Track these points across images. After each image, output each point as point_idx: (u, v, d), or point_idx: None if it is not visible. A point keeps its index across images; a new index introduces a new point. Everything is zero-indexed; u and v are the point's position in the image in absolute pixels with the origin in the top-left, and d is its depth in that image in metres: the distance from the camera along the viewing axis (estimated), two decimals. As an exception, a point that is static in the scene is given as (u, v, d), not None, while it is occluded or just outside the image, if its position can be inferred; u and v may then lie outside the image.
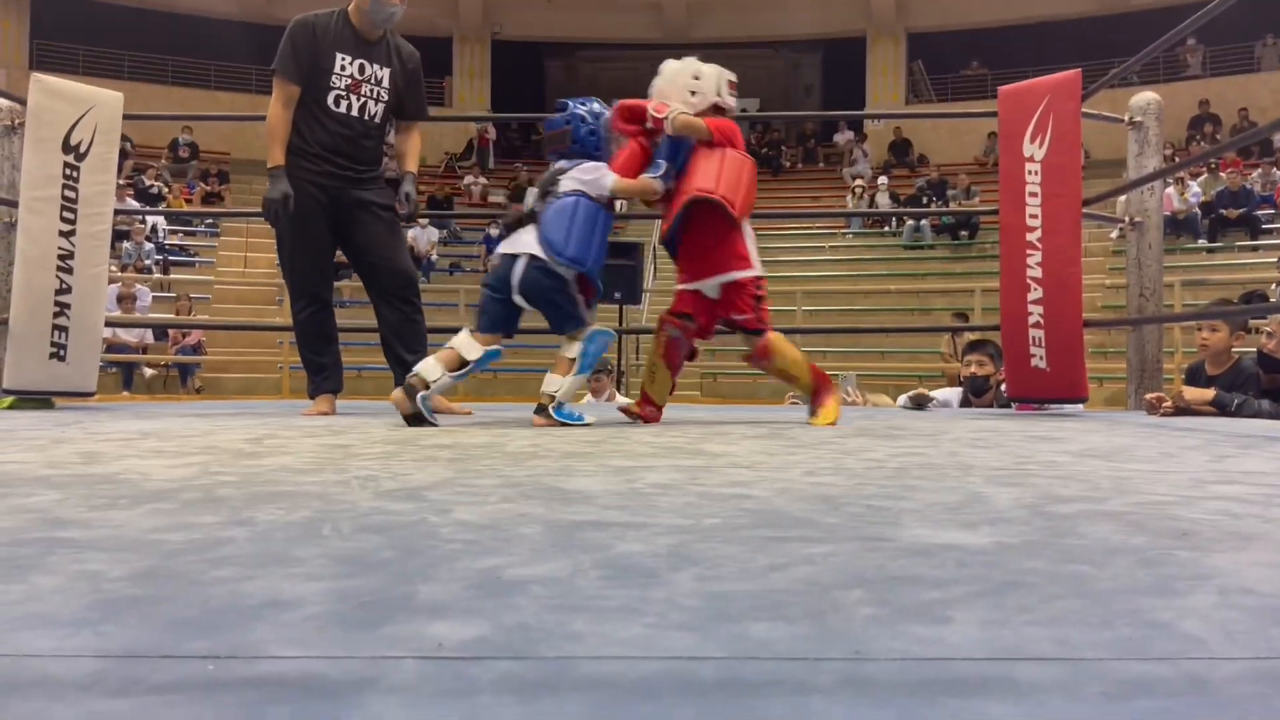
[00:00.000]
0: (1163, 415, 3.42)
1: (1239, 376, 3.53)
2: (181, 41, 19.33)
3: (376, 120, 3.64)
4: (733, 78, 3.17)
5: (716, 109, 3.11)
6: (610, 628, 0.69)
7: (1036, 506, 1.25)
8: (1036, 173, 3.82)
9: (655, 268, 14.75)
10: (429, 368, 2.86)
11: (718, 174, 2.93)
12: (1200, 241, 13.64)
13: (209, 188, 16.47)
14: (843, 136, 19.71)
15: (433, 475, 1.59)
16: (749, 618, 0.72)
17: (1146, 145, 4.10)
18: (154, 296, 12.33)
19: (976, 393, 4.63)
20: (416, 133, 3.84)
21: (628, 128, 3.08)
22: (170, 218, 15.18)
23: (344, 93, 3.58)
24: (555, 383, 2.88)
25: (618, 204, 3.12)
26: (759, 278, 3.05)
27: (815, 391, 3.10)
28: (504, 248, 2.98)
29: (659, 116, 2.98)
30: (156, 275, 13.11)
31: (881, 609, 0.74)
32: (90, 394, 3.94)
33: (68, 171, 3.76)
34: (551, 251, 2.86)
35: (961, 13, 19.75)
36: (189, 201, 15.74)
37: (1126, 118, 4.15)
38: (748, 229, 3.04)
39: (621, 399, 6.88)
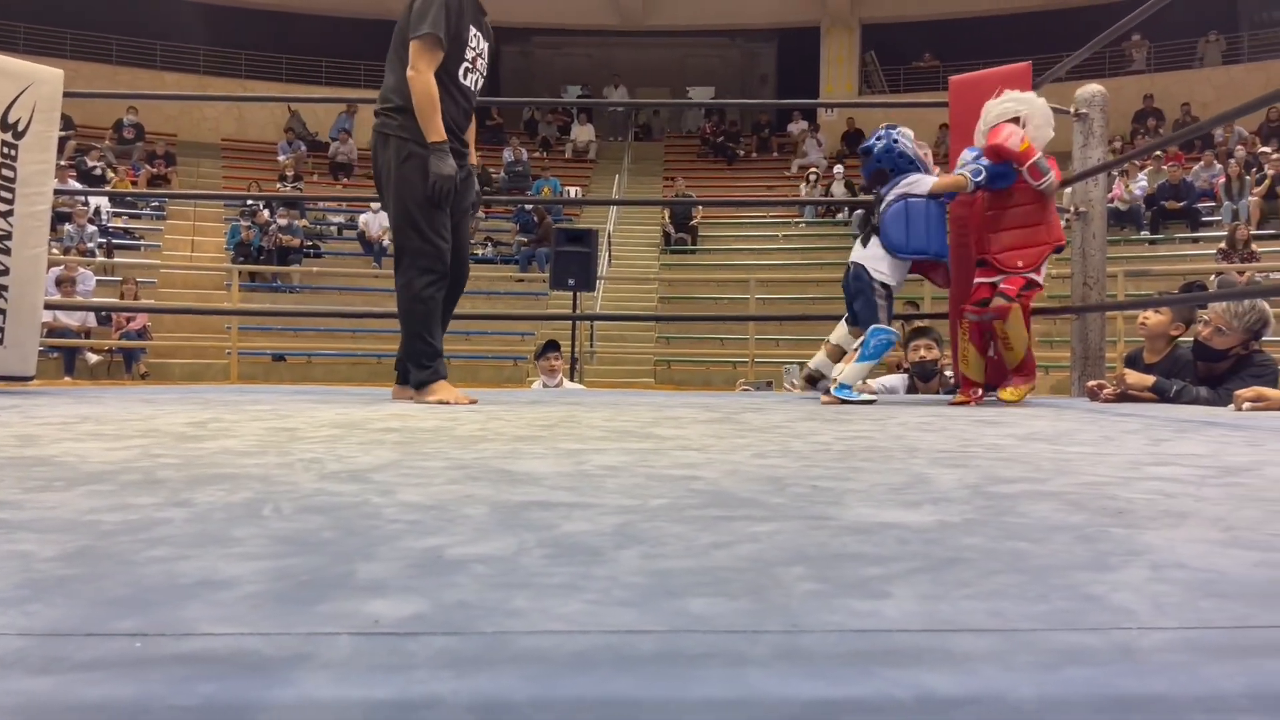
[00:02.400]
0: (1105, 399, 3.49)
1: (1176, 364, 3.60)
2: (127, 20, 18.89)
3: (478, 96, 3.47)
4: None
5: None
6: (551, 604, 0.69)
7: (979, 487, 1.27)
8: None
9: (610, 255, 14.74)
10: (835, 369, 3.53)
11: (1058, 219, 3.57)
12: (1143, 233, 13.91)
13: (155, 170, 16.13)
14: (797, 126, 19.80)
15: (379, 458, 1.57)
16: (690, 594, 0.72)
17: (1091, 137, 4.16)
18: (97, 280, 12.07)
19: (924, 378, 4.68)
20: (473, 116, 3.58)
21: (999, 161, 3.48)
22: (115, 200, 14.85)
23: (471, 65, 3.36)
24: (840, 369, 3.47)
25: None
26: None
27: (1018, 369, 3.47)
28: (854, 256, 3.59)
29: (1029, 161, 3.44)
30: (100, 259, 12.83)
31: (821, 585, 0.75)
32: (29, 378, 3.84)
33: (5, 150, 3.66)
34: (896, 251, 3.46)
35: (914, 5, 19.91)
36: (134, 184, 15.40)
37: (1073, 110, 4.21)
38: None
39: (570, 384, 6.86)
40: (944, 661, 0.58)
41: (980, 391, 3.56)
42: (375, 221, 15.08)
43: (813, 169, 17.40)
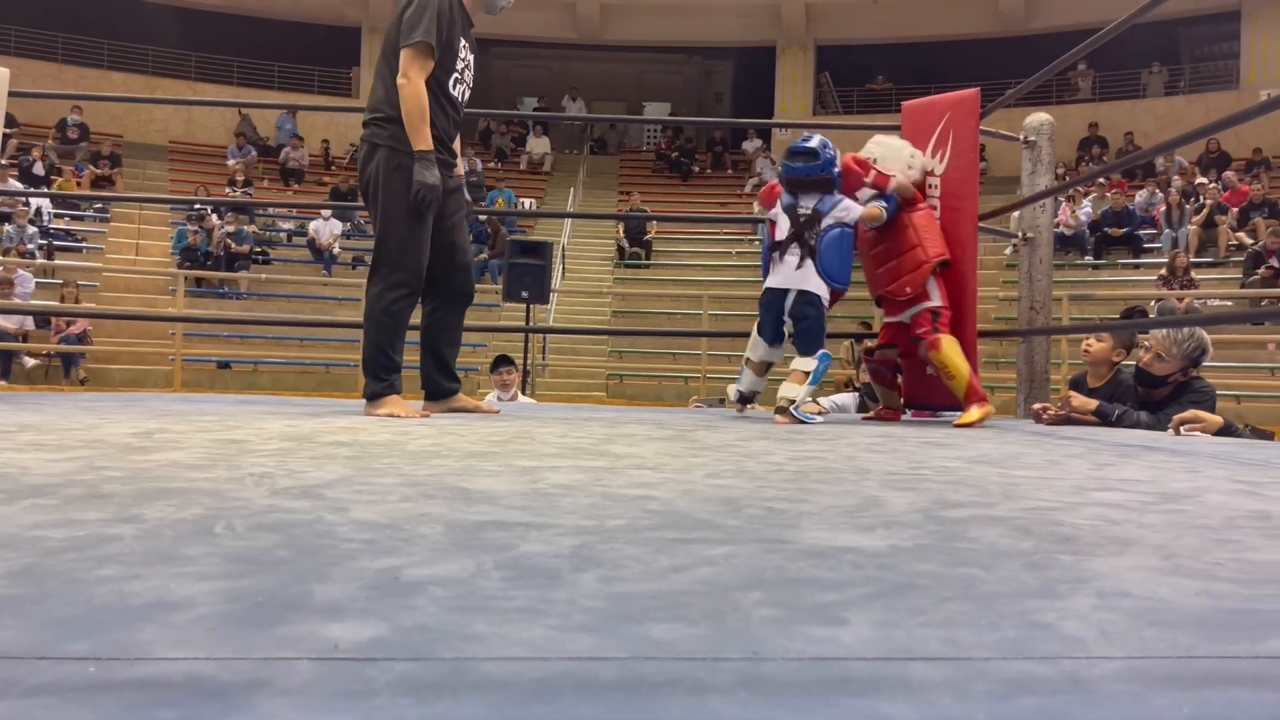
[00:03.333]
0: (1050, 421, 3.55)
1: (1118, 389, 3.68)
2: (74, 17, 18.54)
3: (465, 107, 3.47)
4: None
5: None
6: (511, 629, 0.69)
7: (929, 511, 1.29)
8: (936, 186, 3.93)
9: (564, 268, 14.73)
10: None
11: (939, 237, 3.69)
12: (1086, 258, 14.22)
13: (99, 170, 15.82)
14: (751, 144, 19.97)
15: (330, 473, 1.55)
16: (650, 618, 0.73)
17: (1039, 164, 4.26)
18: (37, 283, 11.80)
19: (874, 398, 4.74)
20: None
21: (856, 170, 3.65)
22: (57, 201, 14.54)
23: (460, 76, 3.36)
24: (794, 390, 3.42)
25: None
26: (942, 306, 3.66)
27: (968, 396, 3.55)
28: (772, 282, 3.55)
29: (885, 175, 3.65)
30: (40, 260, 12.54)
31: (779, 610, 0.76)
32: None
33: (-54, 148, 3.57)
34: (833, 279, 3.51)
35: (868, 28, 20.20)
36: (78, 184, 15.09)
37: (1022, 137, 4.30)
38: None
39: (525, 398, 6.84)
40: (901, 690, 0.59)
41: (900, 413, 3.83)
42: (325, 229, 14.93)
43: (766, 187, 17.55)
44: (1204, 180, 14.61)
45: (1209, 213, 13.59)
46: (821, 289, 3.50)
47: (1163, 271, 12.46)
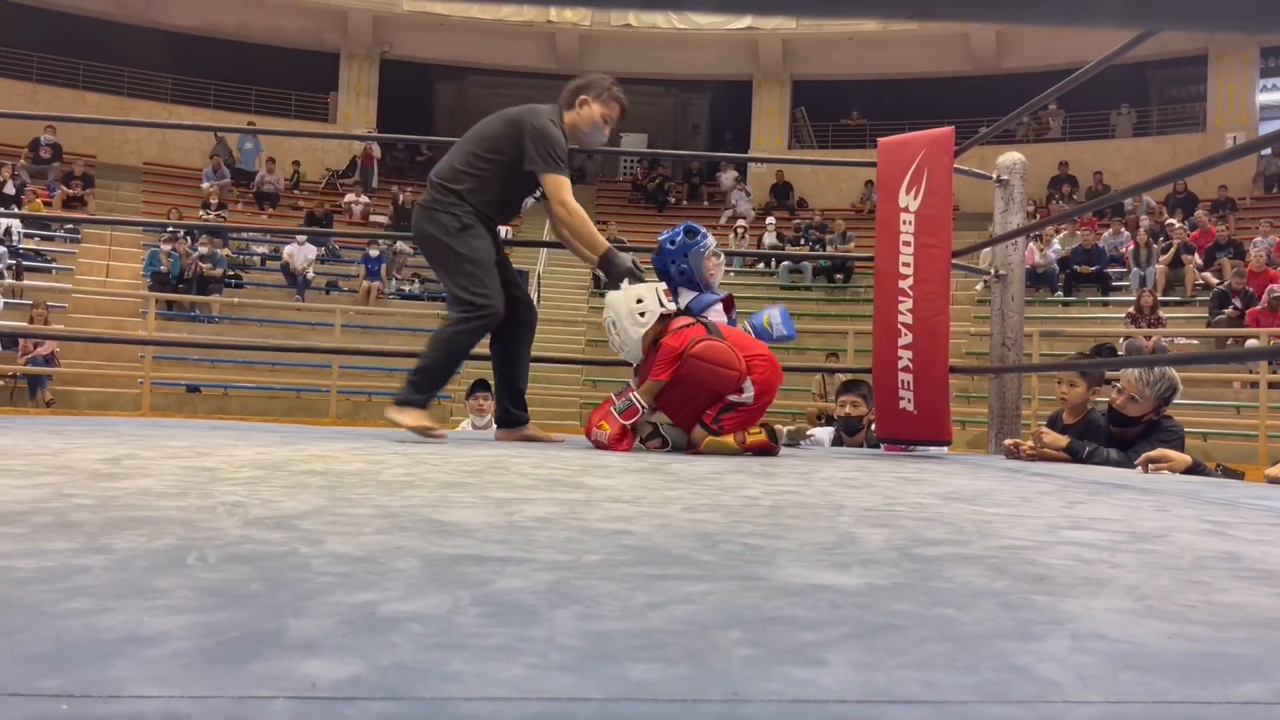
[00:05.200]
0: (1025, 457, 3.59)
1: (1090, 427, 3.73)
2: (50, 37, 18.45)
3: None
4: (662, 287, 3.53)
5: (664, 317, 3.44)
6: (489, 668, 0.69)
7: (905, 549, 1.29)
8: (911, 223, 3.98)
9: (539, 297, 14.73)
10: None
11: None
12: (1057, 295, 14.40)
13: (71, 191, 15.69)
14: (727, 176, 20.13)
15: (304, 503, 1.54)
16: (629, 658, 0.72)
17: (1012, 202, 4.32)
18: (5, 303, 11.65)
19: (850, 432, 4.77)
20: None
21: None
22: (28, 221, 14.40)
23: (537, 196, 3.72)
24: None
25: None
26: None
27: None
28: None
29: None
30: (8, 280, 12.39)
31: (758, 650, 0.76)
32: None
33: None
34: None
35: (844, 64, 20.48)
36: (48, 204, 14.96)
37: (995, 175, 4.36)
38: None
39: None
40: (881, 734, 0.59)
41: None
42: (300, 253, 14.87)
43: (740, 221, 17.67)
44: (1173, 221, 14.87)
45: (1176, 252, 13.82)
46: None
47: (1131, 309, 12.64)
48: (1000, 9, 0.44)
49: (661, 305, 3.45)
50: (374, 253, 15.16)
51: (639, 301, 3.42)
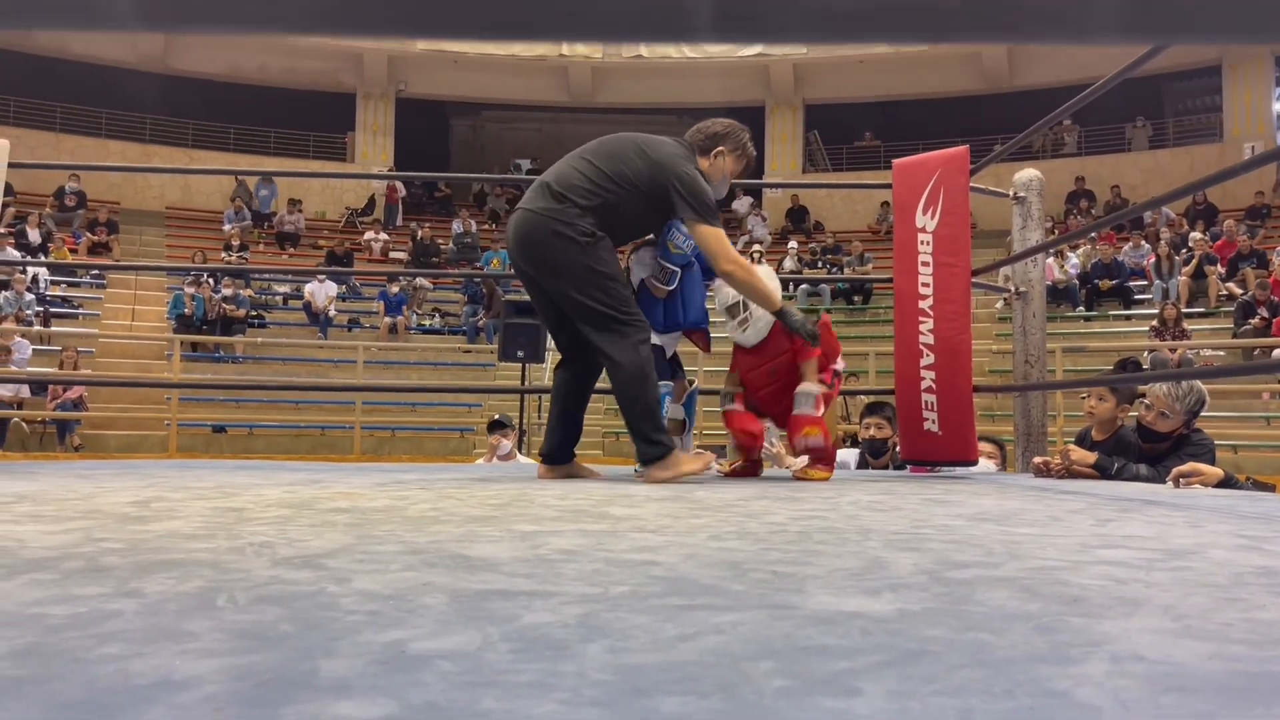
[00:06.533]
0: (1055, 475, 3.55)
1: (1120, 442, 3.69)
2: (72, 87, 18.78)
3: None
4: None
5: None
6: (521, 704, 0.68)
7: (935, 572, 1.28)
8: (928, 243, 3.97)
9: (558, 327, 14.76)
10: None
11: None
12: (1079, 310, 14.31)
13: (96, 237, 15.91)
14: (741, 203, 20.18)
15: (331, 541, 1.54)
16: (661, 691, 0.72)
17: (1030, 219, 4.30)
18: (34, 349, 11.80)
19: (875, 454, 4.74)
20: None
21: None
22: (54, 268, 14.61)
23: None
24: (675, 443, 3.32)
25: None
26: None
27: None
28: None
29: None
30: (37, 328, 12.56)
31: (791, 680, 0.75)
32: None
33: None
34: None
35: (855, 87, 20.54)
36: (74, 251, 15.17)
37: (1011, 193, 4.35)
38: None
39: (523, 458, 6.82)
40: (919, 764, 0.58)
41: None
42: (321, 291, 14.99)
43: (757, 246, 17.69)
44: (1194, 233, 14.78)
45: (1198, 263, 13.72)
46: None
47: (1154, 323, 12.54)
48: (994, 30, 0.45)
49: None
50: (394, 289, 15.26)
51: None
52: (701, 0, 0.38)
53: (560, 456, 3.49)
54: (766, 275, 3.56)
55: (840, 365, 3.60)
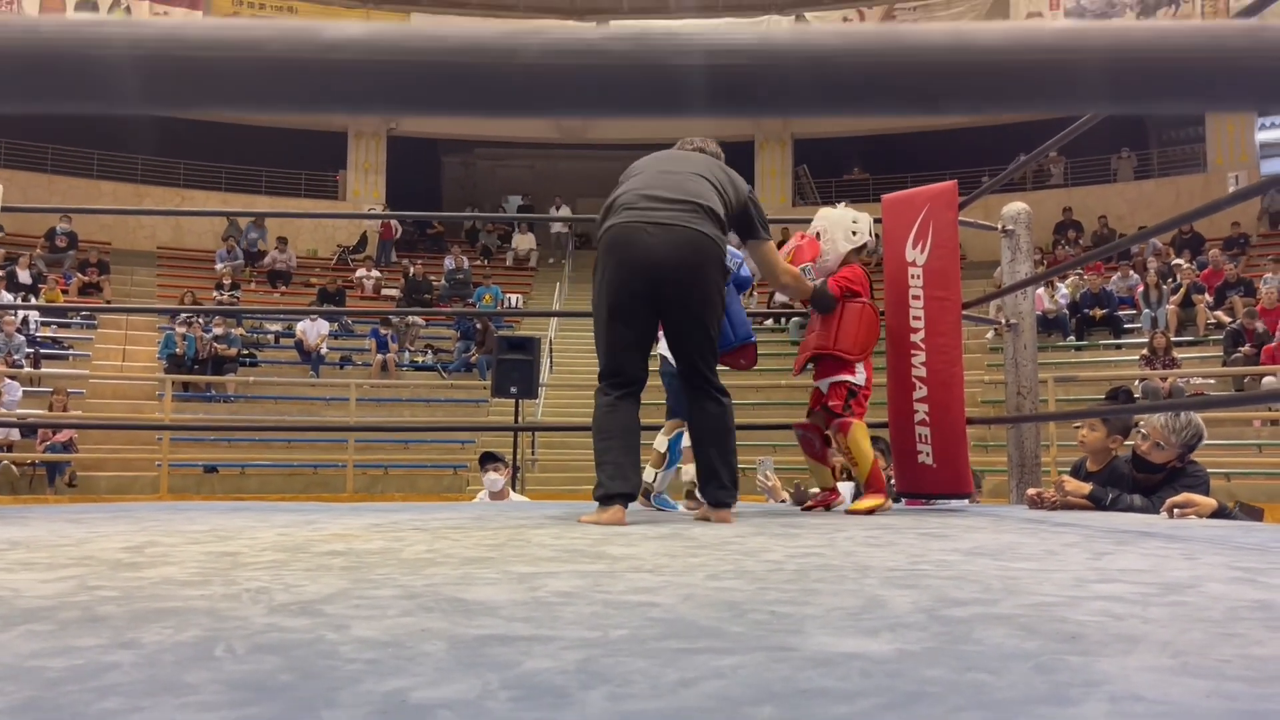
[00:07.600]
0: (1049, 506, 3.55)
1: (1114, 475, 3.69)
2: (63, 128, 18.84)
3: None
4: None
5: (861, 250, 3.81)
6: (523, 755, 0.68)
7: (933, 610, 1.28)
8: (919, 277, 4.00)
9: (551, 362, 14.78)
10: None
11: (860, 336, 3.65)
12: (1069, 339, 14.37)
13: (87, 278, 15.90)
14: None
15: (327, 586, 1.54)
16: (663, 739, 0.72)
17: (1018, 252, 4.34)
18: (24, 392, 11.75)
19: (869, 488, 4.73)
20: None
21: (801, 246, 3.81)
22: (45, 310, 14.59)
23: None
24: (650, 474, 3.44)
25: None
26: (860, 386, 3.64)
27: (867, 483, 3.55)
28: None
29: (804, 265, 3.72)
30: (28, 369, 12.51)
31: (792, 726, 0.75)
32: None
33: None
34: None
35: (843, 121, 20.71)
36: (65, 292, 15.15)
37: (1000, 226, 4.39)
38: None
39: (517, 496, 6.79)
40: (922, 811, 0.58)
41: (836, 494, 3.77)
42: (313, 329, 14.98)
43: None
44: (1179, 261, 14.89)
45: (1185, 293, 13.81)
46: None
47: (1144, 352, 12.59)
48: (997, 103, 0.46)
49: (869, 238, 3.72)
50: (385, 331, 15.25)
51: (854, 221, 3.72)
52: (696, 80, 0.39)
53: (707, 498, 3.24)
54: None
55: (859, 377, 3.64)
